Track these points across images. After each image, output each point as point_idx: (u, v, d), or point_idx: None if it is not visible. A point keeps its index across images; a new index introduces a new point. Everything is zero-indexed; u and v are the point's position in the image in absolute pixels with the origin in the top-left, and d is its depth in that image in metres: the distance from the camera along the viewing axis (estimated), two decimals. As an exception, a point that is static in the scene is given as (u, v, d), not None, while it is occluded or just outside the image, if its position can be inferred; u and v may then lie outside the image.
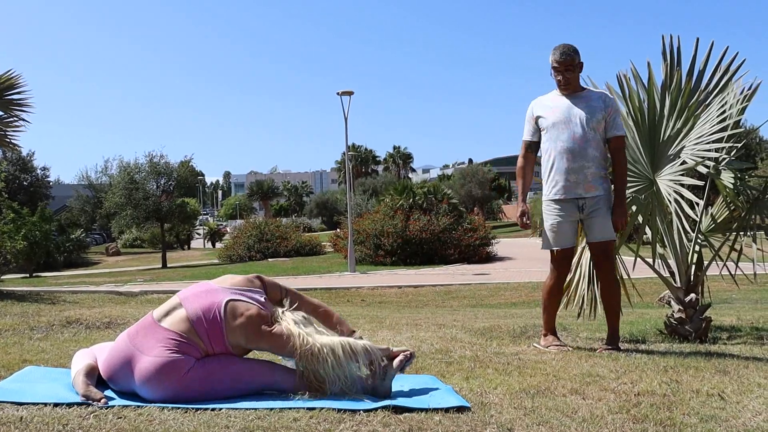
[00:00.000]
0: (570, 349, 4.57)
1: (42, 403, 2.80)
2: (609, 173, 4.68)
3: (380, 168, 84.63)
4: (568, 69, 4.54)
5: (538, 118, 4.68)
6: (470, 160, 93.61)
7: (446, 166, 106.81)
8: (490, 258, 25.11)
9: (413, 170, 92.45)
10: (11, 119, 10.93)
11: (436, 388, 3.23)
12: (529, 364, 4.00)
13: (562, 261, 4.69)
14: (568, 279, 5.51)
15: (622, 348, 4.62)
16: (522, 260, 23.58)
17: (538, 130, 4.71)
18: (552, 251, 4.68)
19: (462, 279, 17.49)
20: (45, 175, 49.57)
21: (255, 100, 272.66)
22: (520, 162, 4.83)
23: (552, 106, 4.64)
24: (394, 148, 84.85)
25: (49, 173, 49.95)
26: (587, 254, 5.21)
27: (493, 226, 33.80)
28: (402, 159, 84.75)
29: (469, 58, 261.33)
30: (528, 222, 4.77)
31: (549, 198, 4.64)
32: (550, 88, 4.73)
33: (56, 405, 2.78)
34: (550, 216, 4.64)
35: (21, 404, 2.79)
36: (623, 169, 4.62)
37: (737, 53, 5.41)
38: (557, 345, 4.63)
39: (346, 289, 15.80)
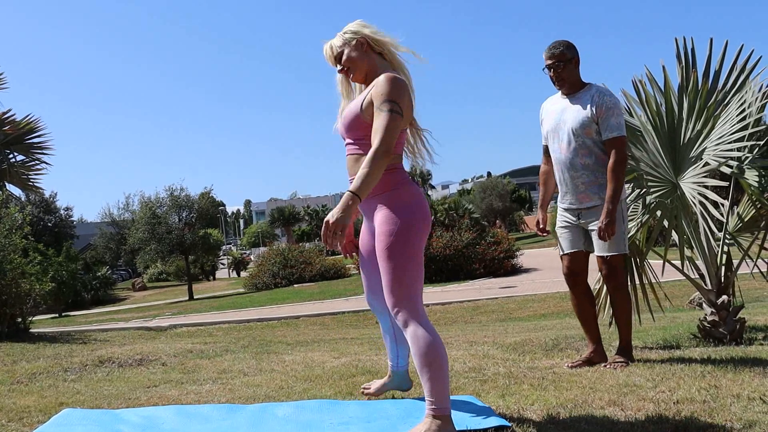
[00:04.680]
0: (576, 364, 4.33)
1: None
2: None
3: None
4: (558, 64, 4.34)
5: (543, 122, 4.63)
6: (489, 173, 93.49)
7: (465, 181, 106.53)
8: (516, 270, 24.97)
9: (432, 187, 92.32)
10: (33, 163, 11.09)
11: (474, 408, 3.21)
12: (564, 377, 3.96)
13: (567, 268, 4.52)
14: (597, 287, 5.46)
15: (656, 357, 4.56)
16: (547, 270, 23.43)
17: None
18: (561, 260, 4.59)
19: (489, 293, 17.39)
20: (68, 215, 49.99)
21: (271, 126, 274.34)
22: (541, 168, 4.80)
23: (550, 111, 4.53)
24: (411, 166, 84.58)
25: (72, 213, 50.35)
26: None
27: (516, 238, 33.68)
28: (420, 177, 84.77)
29: (479, 68, 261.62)
30: (546, 230, 4.73)
31: (558, 204, 4.62)
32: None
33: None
34: (557, 221, 4.59)
35: (61, 448, 2.80)
36: (615, 175, 4.19)
37: (753, 50, 5.37)
38: (572, 362, 4.40)
39: (373, 311, 15.76)
